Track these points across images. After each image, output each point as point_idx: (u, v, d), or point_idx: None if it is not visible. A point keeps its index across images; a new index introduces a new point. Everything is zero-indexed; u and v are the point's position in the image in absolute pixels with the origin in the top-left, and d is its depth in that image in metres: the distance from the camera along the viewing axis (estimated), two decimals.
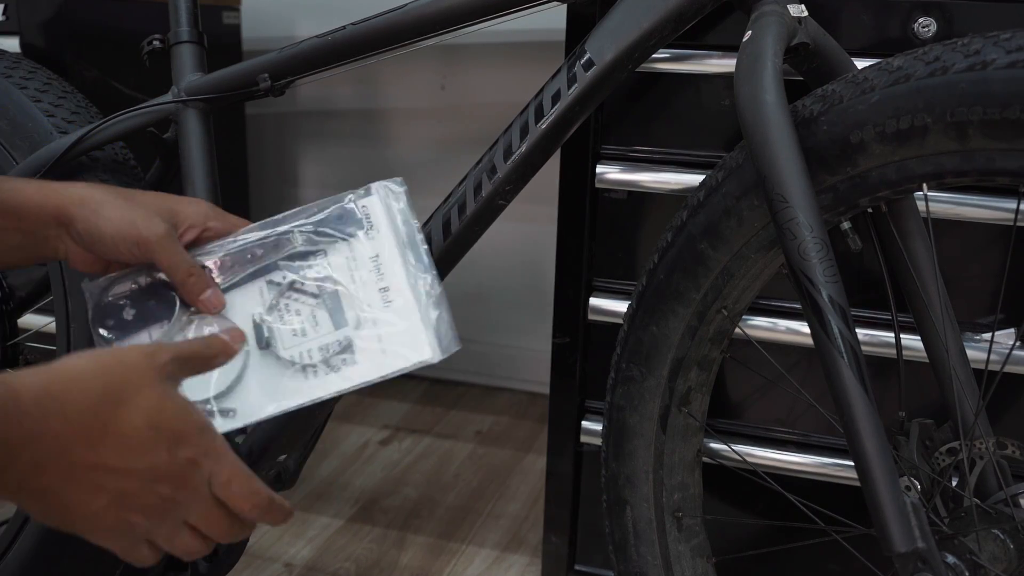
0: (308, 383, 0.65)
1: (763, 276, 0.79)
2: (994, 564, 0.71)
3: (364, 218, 0.70)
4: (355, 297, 0.67)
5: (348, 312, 0.67)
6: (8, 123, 1.01)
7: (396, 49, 0.88)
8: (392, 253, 0.69)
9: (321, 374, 0.65)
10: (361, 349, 0.66)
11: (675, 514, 0.89)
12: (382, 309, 0.67)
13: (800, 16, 0.75)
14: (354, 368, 0.65)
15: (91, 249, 0.67)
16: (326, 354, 0.66)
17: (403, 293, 0.68)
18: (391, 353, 0.66)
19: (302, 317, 0.67)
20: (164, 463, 0.52)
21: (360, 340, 0.66)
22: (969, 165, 0.65)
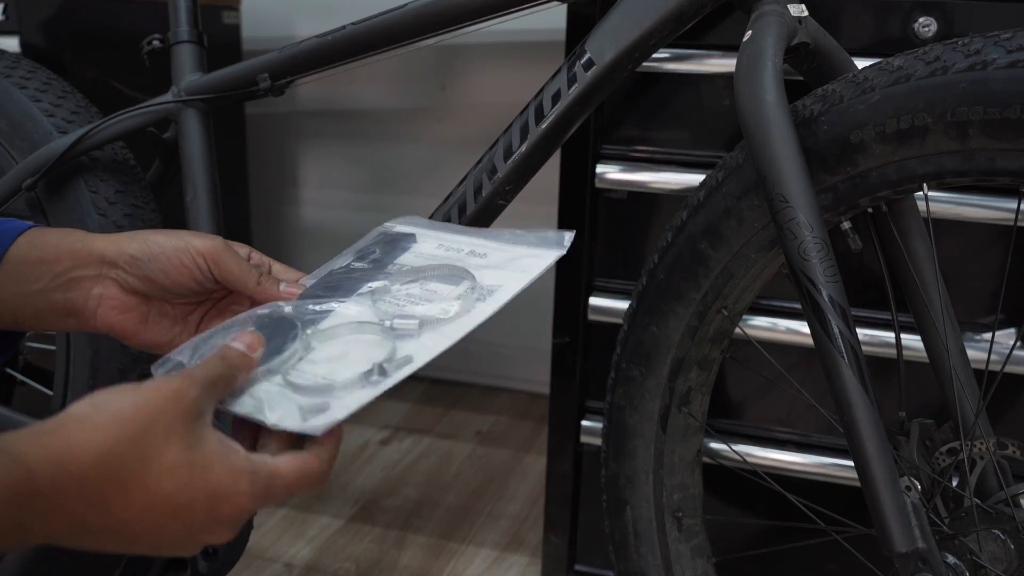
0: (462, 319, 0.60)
1: (763, 276, 0.79)
2: (994, 564, 0.71)
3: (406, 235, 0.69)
4: (452, 263, 0.65)
5: (455, 273, 0.64)
6: (8, 123, 1.01)
7: (396, 49, 0.88)
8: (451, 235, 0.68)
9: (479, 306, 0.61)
10: (492, 280, 0.62)
11: (675, 514, 0.89)
12: (484, 261, 0.65)
13: (800, 16, 0.75)
14: (498, 291, 0.61)
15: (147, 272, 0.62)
16: (464, 301, 0.61)
17: (486, 243, 0.66)
18: (522, 267, 0.63)
19: (416, 296, 0.63)
20: (201, 521, 0.48)
21: (486, 277, 0.63)
22: (969, 165, 0.65)
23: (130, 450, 0.46)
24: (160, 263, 0.62)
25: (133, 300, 0.64)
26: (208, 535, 0.49)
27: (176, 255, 0.62)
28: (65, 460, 0.44)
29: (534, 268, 0.63)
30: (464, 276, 0.64)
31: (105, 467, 0.45)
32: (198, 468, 0.47)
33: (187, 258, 0.63)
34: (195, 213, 0.93)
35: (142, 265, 0.62)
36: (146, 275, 0.63)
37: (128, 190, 1.01)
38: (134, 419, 0.46)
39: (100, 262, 0.63)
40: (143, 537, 0.47)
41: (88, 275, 0.63)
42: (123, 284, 0.63)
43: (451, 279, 0.64)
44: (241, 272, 0.63)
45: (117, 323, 0.64)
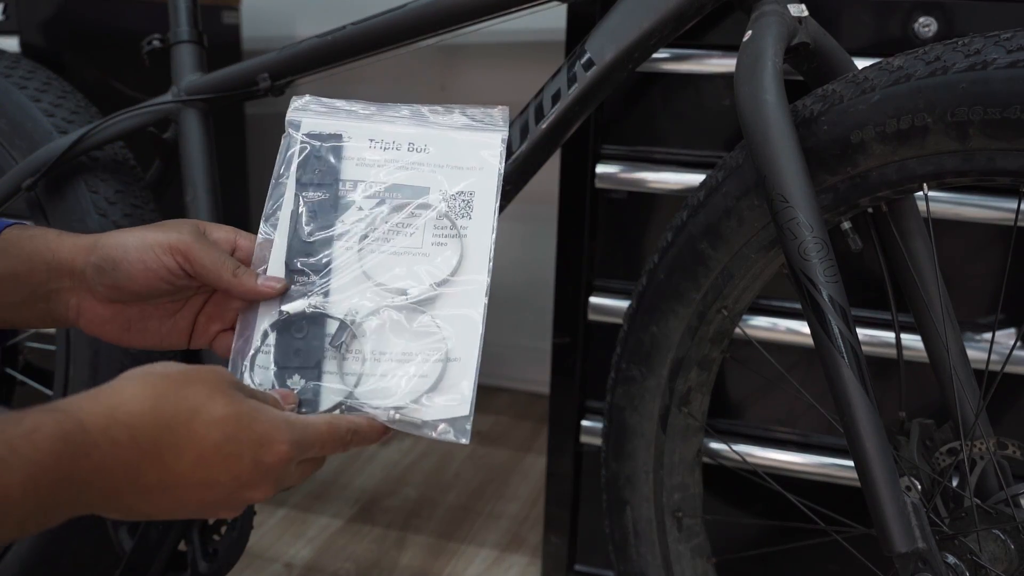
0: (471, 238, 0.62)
1: (763, 276, 0.79)
2: (995, 564, 0.71)
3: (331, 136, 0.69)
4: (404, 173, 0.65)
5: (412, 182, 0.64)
6: (7, 123, 1.01)
7: (396, 49, 0.88)
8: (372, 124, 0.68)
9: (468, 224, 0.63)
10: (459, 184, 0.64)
11: (675, 514, 0.89)
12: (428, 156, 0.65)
13: (800, 16, 0.74)
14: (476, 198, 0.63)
15: (113, 280, 0.59)
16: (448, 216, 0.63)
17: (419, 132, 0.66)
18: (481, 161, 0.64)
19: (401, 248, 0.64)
20: (248, 471, 0.50)
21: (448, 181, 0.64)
22: (969, 165, 0.65)
23: (179, 402, 0.48)
24: (124, 269, 0.59)
25: (110, 309, 0.61)
26: (253, 490, 0.51)
27: (140, 258, 0.59)
28: (116, 411, 0.46)
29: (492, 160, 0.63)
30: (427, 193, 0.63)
31: (156, 417, 0.47)
32: (245, 418, 0.50)
33: (152, 259, 0.59)
34: (195, 213, 0.93)
35: (107, 274, 0.59)
36: (113, 284, 0.60)
37: (128, 190, 1.01)
38: (183, 378, 0.49)
39: (71, 273, 0.60)
40: (194, 491, 0.49)
41: (63, 287, 0.61)
42: (95, 295, 0.61)
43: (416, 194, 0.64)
44: (214, 265, 0.59)
45: (100, 332, 0.63)
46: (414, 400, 0.60)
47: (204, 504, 0.50)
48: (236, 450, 0.49)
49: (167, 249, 0.59)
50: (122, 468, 0.46)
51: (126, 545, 0.86)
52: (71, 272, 0.60)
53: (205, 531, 0.86)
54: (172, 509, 0.49)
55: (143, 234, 0.60)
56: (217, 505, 0.51)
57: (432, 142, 0.65)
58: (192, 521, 0.85)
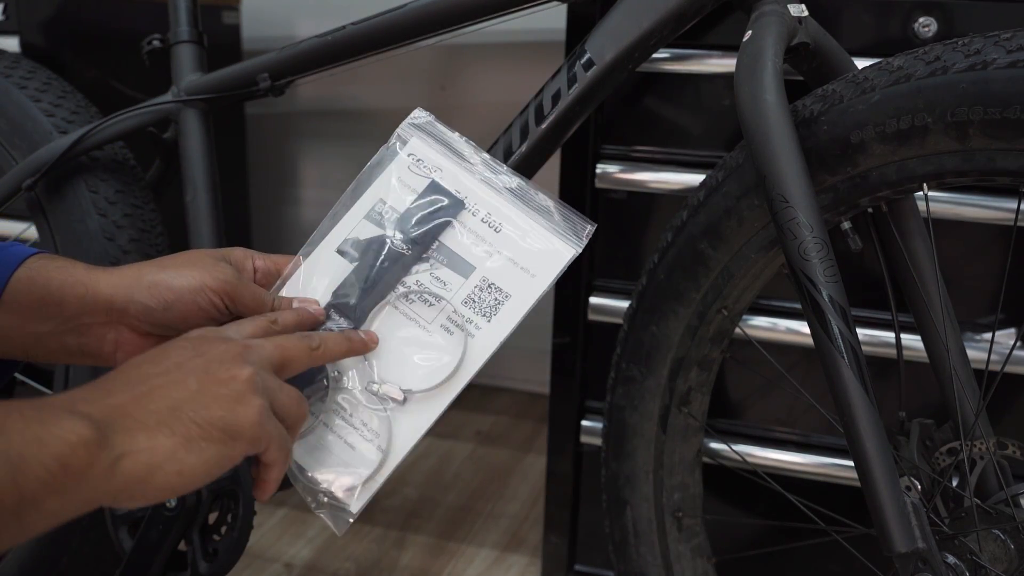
0: (478, 339, 0.61)
1: (763, 276, 0.79)
2: (995, 564, 0.71)
3: (417, 163, 0.66)
4: (462, 238, 0.63)
5: (467, 256, 0.62)
6: (7, 123, 1.01)
7: (396, 49, 0.88)
8: (466, 179, 0.64)
9: (483, 325, 0.61)
10: (505, 282, 0.61)
11: (675, 514, 0.89)
12: (496, 235, 0.62)
13: (800, 16, 0.74)
14: (510, 303, 0.61)
15: (162, 319, 0.61)
16: (474, 306, 0.61)
17: (500, 208, 0.63)
18: (536, 271, 0.62)
19: (424, 284, 0.63)
20: (206, 346, 0.53)
21: (498, 275, 0.62)
22: (969, 165, 0.65)
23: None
24: (177, 310, 0.61)
25: (150, 342, 0.62)
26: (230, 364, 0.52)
27: (193, 300, 0.61)
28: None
29: (549, 274, 0.62)
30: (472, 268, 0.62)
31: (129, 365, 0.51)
32: (195, 336, 0.55)
33: (204, 300, 0.61)
34: (195, 213, 0.93)
35: (156, 314, 0.61)
36: (160, 322, 0.61)
37: (128, 190, 1.01)
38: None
39: (108, 309, 0.61)
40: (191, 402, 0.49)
41: (99, 321, 0.61)
42: (137, 330, 0.62)
43: (459, 268, 0.63)
44: (256, 304, 0.63)
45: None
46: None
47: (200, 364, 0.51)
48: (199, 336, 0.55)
49: (216, 292, 0.61)
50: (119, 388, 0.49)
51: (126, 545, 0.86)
52: (108, 308, 0.61)
53: (205, 531, 0.86)
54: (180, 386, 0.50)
55: (189, 274, 0.62)
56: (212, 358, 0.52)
57: (508, 223, 0.63)
58: (192, 521, 0.85)
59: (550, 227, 0.63)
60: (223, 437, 0.49)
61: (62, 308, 0.60)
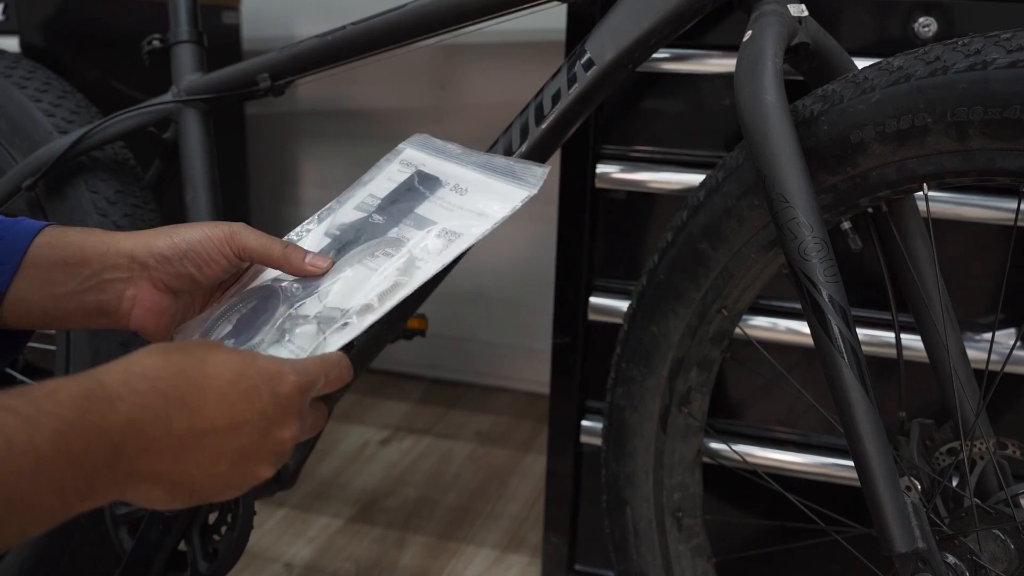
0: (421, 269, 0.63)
1: (763, 276, 0.79)
2: (995, 564, 0.71)
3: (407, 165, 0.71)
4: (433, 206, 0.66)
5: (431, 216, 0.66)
6: (7, 123, 1.01)
7: (396, 49, 0.88)
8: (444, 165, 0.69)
9: (432, 259, 0.63)
10: (459, 226, 0.64)
11: (675, 514, 0.89)
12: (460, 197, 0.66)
13: (800, 16, 0.74)
14: (460, 239, 0.63)
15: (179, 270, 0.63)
16: (427, 251, 0.63)
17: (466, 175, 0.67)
18: (489, 211, 0.64)
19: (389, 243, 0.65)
20: (270, 405, 0.52)
21: (453, 222, 0.64)
22: (969, 165, 0.65)
23: (186, 352, 0.51)
24: (192, 259, 0.64)
25: (166, 299, 0.65)
26: (281, 428, 0.53)
27: (204, 248, 0.64)
28: (131, 365, 0.48)
29: (493, 215, 0.64)
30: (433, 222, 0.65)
31: (168, 365, 0.49)
32: (248, 356, 0.53)
33: (213, 248, 0.64)
34: (195, 213, 0.93)
35: (175, 263, 0.63)
36: (179, 272, 0.64)
37: (128, 190, 1.01)
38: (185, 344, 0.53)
39: (130, 263, 0.63)
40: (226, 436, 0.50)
41: (119, 277, 0.63)
42: (155, 284, 0.64)
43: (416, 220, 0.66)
44: (262, 246, 0.65)
45: (151, 325, 0.65)
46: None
47: (242, 452, 0.51)
48: (251, 384, 0.51)
49: (226, 238, 0.64)
50: (151, 417, 0.47)
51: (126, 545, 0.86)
52: (131, 261, 0.63)
53: (205, 531, 0.86)
54: (213, 464, 0.49)
55: (197, 230, 0.65)
56: (254, 452, 0.51)
57: (472, 185, 0.67)
58: (192, 521, 0.85)
59: (509, 180, 0.66)
60: (196, 499, 0.51)
61: (84, 265, 0.63)
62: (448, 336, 1.88)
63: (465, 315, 1.88)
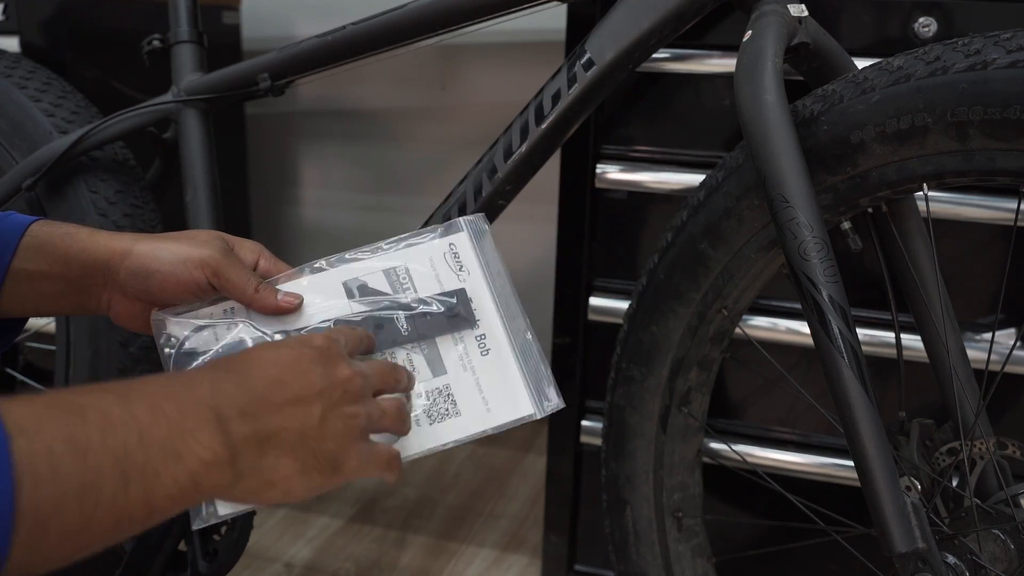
0: (412, 435, 0.61)
1: (763, 276, 0.79)
2: (995, 564, 0.71)
3: (453, 256, 0.66)
4: (453, 344, 0.64)
5: (446, 359, 0.63)
6: (7, 123, 1.01)
7: (396, 49, 0.88)
8: (485, 297, 0.65)
9: (424, 424, 0.61)
10: (463, 400, 0.62)
11: (675, 514, 0.89)
12: (480, 358, 0.63)
13: (800, 16, 0.74)
14: (457, 420, 0.62)
15: (145, 287, 0.63)
16: (427, 403, 0.62)
17: (499, 341, 0.64)
18: (493, 407, 0.62)
19: (398, 360, 0.63)
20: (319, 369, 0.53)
21: (460, 391, 0.62)
22: (969, 165, 0.65)
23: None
24: (157, 280, 0.63)
25: (139, 306, 0.65)
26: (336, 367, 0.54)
27: (172, 271, 0.63)
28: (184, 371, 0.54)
29: (500, 419, 0.62)
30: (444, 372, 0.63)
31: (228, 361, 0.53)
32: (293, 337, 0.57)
33: (183, 273, 0.63)
34: (195, 213, 0.93)
35: (140, 280, 0.63)
36: (144, 288, 0.64)
37: (128, 190, 1.01)
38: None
39: (104, 272, 0.64)
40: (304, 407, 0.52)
41: (96, 283, 0.65)
42: (126, 294, 0.65)
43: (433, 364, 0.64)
44: (240, 282, 0.64)
45: (127, 324, 0.67)
46: None
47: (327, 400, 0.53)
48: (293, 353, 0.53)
49: (198, 264, 0.63)
50: (232, 382, 0.50)
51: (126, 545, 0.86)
52: (105, 272, 0.64)
53: (205, 531, 0.86)
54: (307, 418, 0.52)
55: (177, 246, 0.64)
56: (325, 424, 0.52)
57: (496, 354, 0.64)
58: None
59: (527, 381, 0.63)
60: (330, 470, 0.53)
61: (66, 272, 0.64)
62: None
63: None
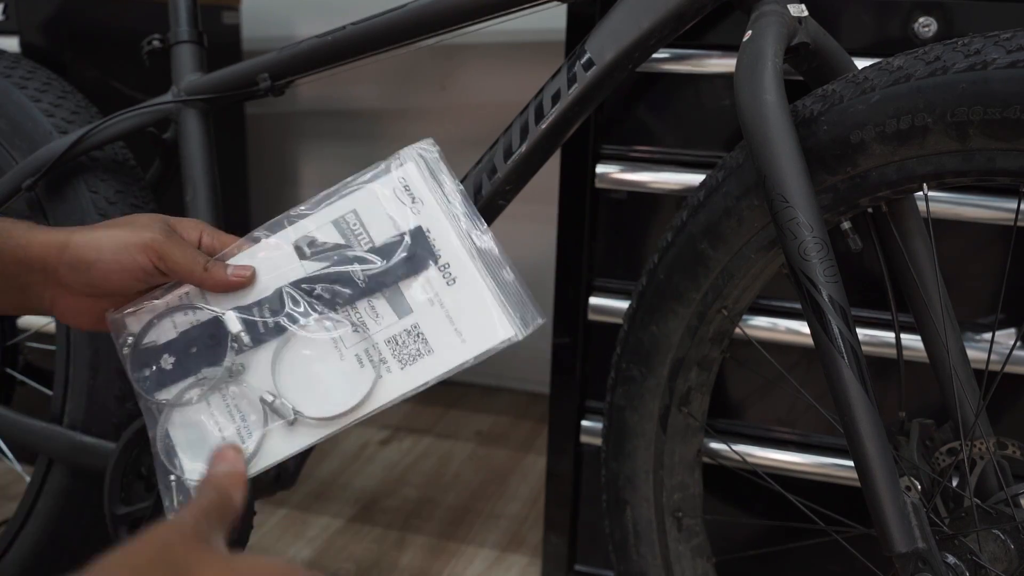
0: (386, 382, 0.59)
1: (763, 276, 0.79)
2: (995, 564, 0.71)
3: (404, 190, 0.63)
4: (415, 282, 0.61)
5: (411, 298, 0.61)
6: (7, 123, 1.01)
7: (396, 49, 0.88)
8: (444, 226, 0.62)
9: (396, 370, 0.59)
10: (433, 336, 0.60)
11: (675, 514, 0.89)
12: (447, 288, 0.61)
13: (800, 16, 0.74)
14: (430, 359, 0.59)
15: (87, 279, 0.60)
16: (395, 348, 0.60)
17: (465, 267, 0.61)
18: (468, 337, 0.60)
19: (360, 311, 0.61)
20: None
21: (429, 327, 0.60)
22: (969, 165, 0.65)
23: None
24: (99, 269, 0.60)
25: (84, 302, 0.62)
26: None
27: (115, 258, 0.59)
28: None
29: (479, 347, 0.60)
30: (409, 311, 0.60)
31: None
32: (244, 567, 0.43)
33: (127, 259, 0.60)
34: (195, 213, 0.93)
35: (81, 274, 0.60)
36: (88, 282, 0.60)
37: (128, 190, 1.01)
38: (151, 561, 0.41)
39: (43, 270, 0.61)
40: None
41: (35, 280, 0.62)
42: (69, 290, 0.62)
43: (396, 306, 0.61)
44: (186, 262, 0.61)
45: (74, 322, 0.64)
46: None
47: None
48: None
49: (141, 248, 0.60)
50: None
51: None
52: (43, 269, 0.61)
53: None
54: None
55: (116, 233, 0.60)
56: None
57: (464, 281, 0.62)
58: None
59: (502, 302, 0.61)
60: None
61: (3, 269, 0.61)
62: None
63: None
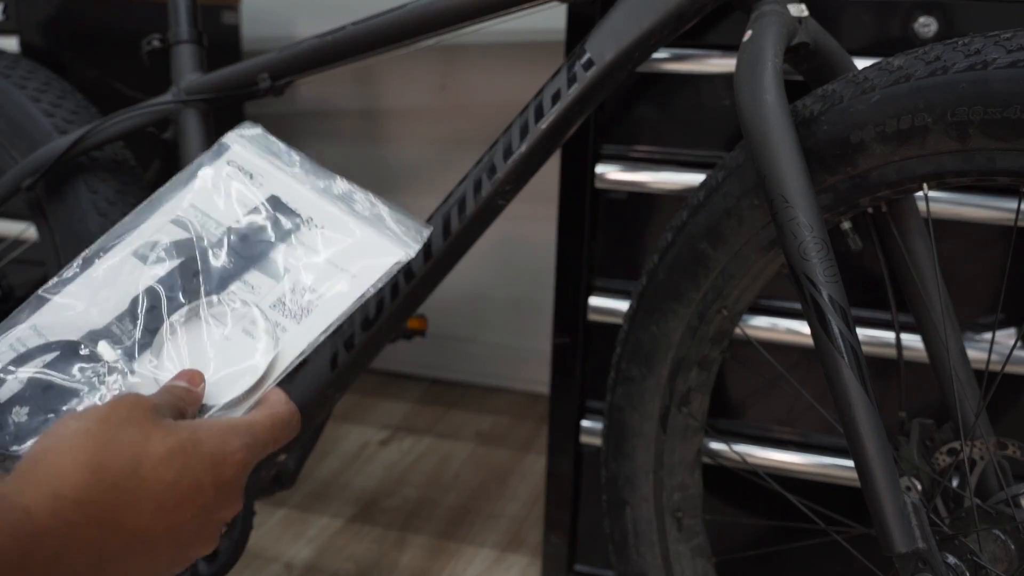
0: (283, 344, 0.56)
1: (763, 276, 0.79)
2: (995, 564, 0.71)
3: (240, 171, 0.62)
4: (283, 244, 0.59)
5: (284, 261, 0.59)
6: (7, 123, 1.01)
7: (396, 49, 0.88)
8: (292, 187, 0.62)
9: (293, 328, 0.56)
10: (321, 284, 0.57)
11: (675, 514, 0.89)
12: (322, 239, 0.59)
13: (800, 16, 0.74)
14: (325, 305, 0.57)
15: None
16: (283, 309, 0.57)
17: (329, 214, 0.60)
18: (358, 271, 0.58)
19: (232, 290, 0.58)
20: (212, 496, 0.47)
21: (313, 278, 0.58)
22: (969, 165, 0.65)
23: (117, 454, 0.44)
24: None
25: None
26: (222, 511, 0.48)
27: None
28: (61, 488, 0.42)
29: (373, 275, 0.57)
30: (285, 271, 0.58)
31: (99, 480, 0.43)
32: (189, 444, 0.46)
33: None
34: None
35: None
36: None
37: (128, 190, 1.01)
38: (108, 425, 0.45)
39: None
40: (164, 541, 0.45)
41: None
42: None
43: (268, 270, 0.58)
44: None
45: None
46: None
47: (179, 550, 0.46)
48: (193, 479, 0.46)
49: None
50: (80, 548, 0.41)
51: None
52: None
53: None
54: (148, 569, 0.45)
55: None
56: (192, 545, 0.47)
57: (333, 227, 0.60)
58: None
59: (379, 231, 0.60)
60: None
61: None
62: (448, 336, 1.88)
63: (465, 315, 1.88)
